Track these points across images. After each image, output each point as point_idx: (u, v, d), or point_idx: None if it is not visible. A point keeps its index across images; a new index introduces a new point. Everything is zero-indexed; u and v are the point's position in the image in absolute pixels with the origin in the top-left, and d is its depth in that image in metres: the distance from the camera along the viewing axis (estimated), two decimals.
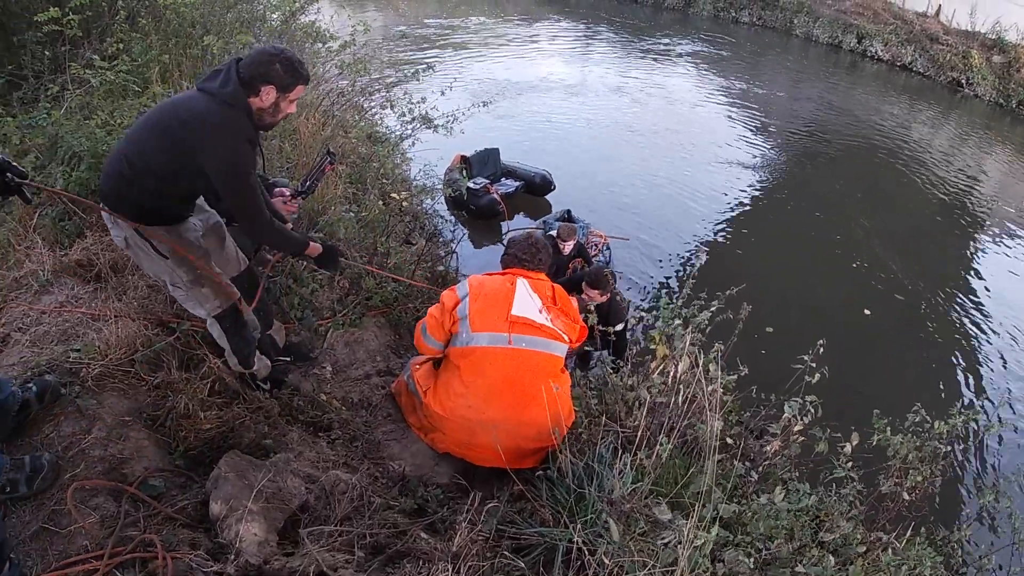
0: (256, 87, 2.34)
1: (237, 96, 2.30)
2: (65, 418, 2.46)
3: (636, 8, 24.56)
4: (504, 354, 2.87)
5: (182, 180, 2.42)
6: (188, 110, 2.32)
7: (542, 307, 3.01)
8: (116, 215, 2.47)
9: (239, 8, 6.32)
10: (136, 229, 2.49)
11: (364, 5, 21.21)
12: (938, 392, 5.94)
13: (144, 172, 2.36)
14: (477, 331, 2.89)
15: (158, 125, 2.36)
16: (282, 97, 2.41)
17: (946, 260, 8.96)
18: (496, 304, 2.94)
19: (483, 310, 2.91)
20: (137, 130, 2.44)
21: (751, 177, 10.42)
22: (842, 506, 2.88)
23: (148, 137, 2.36)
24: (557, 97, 13.34)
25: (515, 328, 2.89)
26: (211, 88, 2.32)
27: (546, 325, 2.96)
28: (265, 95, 2.36)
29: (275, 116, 2.46)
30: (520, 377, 2.87)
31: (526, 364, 2.90)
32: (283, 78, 2.35)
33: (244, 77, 2.32)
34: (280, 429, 2.82)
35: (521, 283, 3.03)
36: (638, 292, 6.93)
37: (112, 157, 2.47)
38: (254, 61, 2.33)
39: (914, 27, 19.31)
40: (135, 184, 2.38)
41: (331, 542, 2.08)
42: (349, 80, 6.96)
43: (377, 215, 4.80)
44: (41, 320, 3.02)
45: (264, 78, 2.33)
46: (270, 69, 2.33)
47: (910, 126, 14.17)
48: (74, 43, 4.49)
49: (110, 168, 2.45)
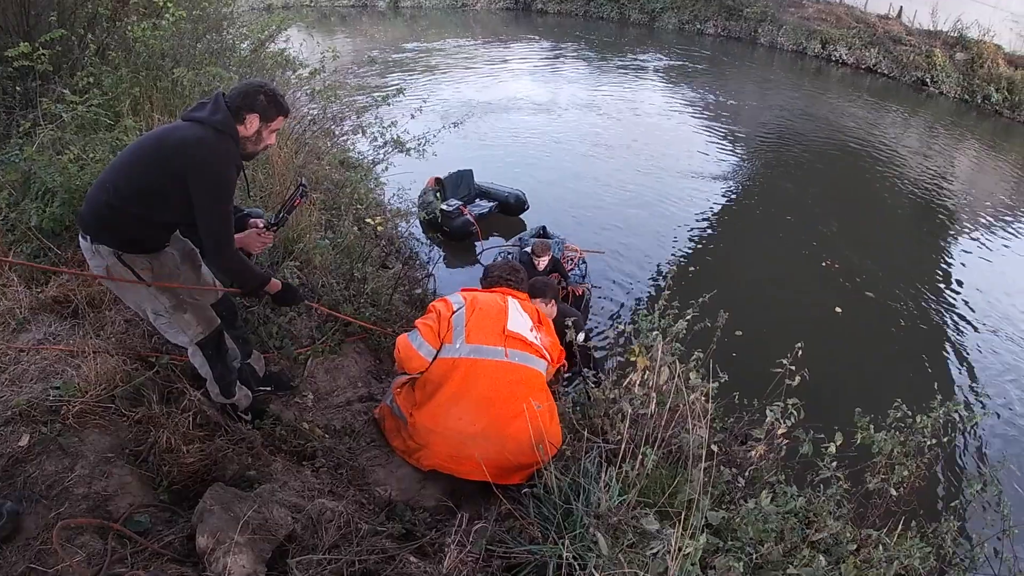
0: (242, 116, 2.46)
1: (227, 123, 2.42)
2: (47, 456, 2.44)
3: (602, 25, 24.91)
4: (496, 367, 2.94)
5: (168, 206, 2.47)
6: (179, 137, 2.41)
7: (532, 326, 3.16)
8: (97, 244, 2.51)
9: (208, 39, 6.34)
10: (118, 256, 2.52)
11: (333, 31, 21.38)
12: (919, 386, 5.99)
13: (129, 199, 2.41)
14: (471, 343, 2.97)
15: (147, 152, 2.44)
16: (264, 127, 2.53)
17: (919, 256, 9.09)
18: (491, 318, 3.06)
19: (479, 322, 3.02)
20: (123, 159, 2.51)
21: (722, 186, 10.52)
22: (830, 505, 2.90)
23: (135, 163, 2.44)
24: (528, 115, 13.43)
25: (510, 343, 3.01)
26: (200, 116, 2.43)
27: (535, 343, 3.09)
28: (249, 123, 2.48)
29: (257, 145, 2.58)
30: (510, 391, 2.92)
31: (516, 378, 2.96)
32: (267, 108, 2.49)
33: (231, 107, 2.43)
34: (264, 460, 2.81)
35: (512, 302, 3.22)
36: (615, 304, 6.95)
37: (95, 187, 2.52)
38: (240, 92, 2.46)
39: (877, 30, 19.60)
40: (119, 212, 2.43)
41: (320, 571, 2.07)
42: (320, 107, 6.99)
43: (352, 241, 4.81)
44: (19, 359, 2.99)
45: (249, 108, 2.46)
46: (255, 100, 2.46)
47: (878, 127, 14.38)
48: (45, 78, 4.49)
49: (93, 198, 2.49)
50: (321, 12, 24.83)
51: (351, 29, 23.48)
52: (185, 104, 4.86)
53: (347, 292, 4.34)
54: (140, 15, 5.48)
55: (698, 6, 23.48)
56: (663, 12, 24.10)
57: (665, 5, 24.07)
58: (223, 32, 6.91)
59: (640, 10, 24.72)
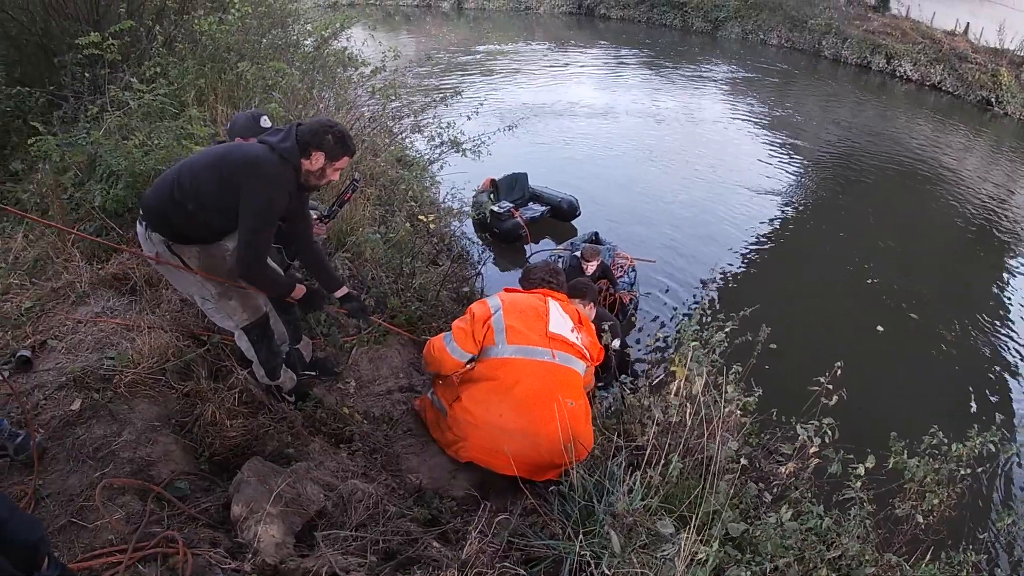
0: (309, 151, 2.60)
1: (292, 153, 2.58)
2: (97, 421, 2.59)
3: (665, 32, 24.77)
4: (541, 368, 2.97)
5: (221, 213, 2.63)
6: (244, 153, 2.60)
7: (573, 327, 3.16)
8: (151, 231, 2.67)
9: (273, 35, 6.53)
10: (168, 245, 2.68)
11: (396, 30, 21.70)
12: (958, 414, 5.83)
13: (190, 197, 2.57)
14: (513, 343, 2.99)
15: (215, 160, 2.61)
16: (329, 164, 2.68)
17: (971, 281, 8.83)
18: (532, 319, 3.08)
19: (519, 324, 3.03)
20: (195, 159, 2.69)
21: (778, 200, 10.40)
22: (853, 526, 2.86)
23: (204, 167, 2.60)
24: (586, 121, 13.43)
25: (555, 344, 3.03)
26: (271, 141, 2.60)
27: (576, 344, 3.10)
28: (315, 159, 2.63)
29: (320, 180, 2.73)
30: (551, 393, 2.93)
31: (558, 380, 2.99)
32: (333, 148, 2.63)
33: (300, 140, 2.59)
34: (303, 439, 2.92)
35: (553, 303, 3.21)
36: (662, 312, 6.94)
37: (163, 179, 2.70)
38: (311, 129, 2.61)
39: (942, 46, 19.02)
40: (179, 207, 2.59)
41: (345, 546, 2.16)
42: (380, 104, 7.13)
43: (404, 236, 4.92)
44: (77, 329, 3.16)
45: (317, 145, 2.60)
46: (323, 138, 2.61)
47: (940, 146, 13.97)
48: (113, 66, 4.66)
49: (159, 189, 2.66)
50: (385, 11, 25.32)
51: (414, 29, 23.84)
52: (249, 96, 5.05)
53: (395, 286, 4.45)
54: (207, 9, 5.70)
55: (762, 16, 23.19)
56: (727, 21, 23.89)
57: (729, 14, 23.86)
58: (287, 28, 7.11)
59: (704, 18, 24.56)
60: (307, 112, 5.62)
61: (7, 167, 4.80)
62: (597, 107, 14.46)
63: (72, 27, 5.23)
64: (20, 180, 4.68)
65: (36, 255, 3.84)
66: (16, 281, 3.62)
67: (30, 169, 4.66)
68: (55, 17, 5.34)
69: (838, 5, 22.39)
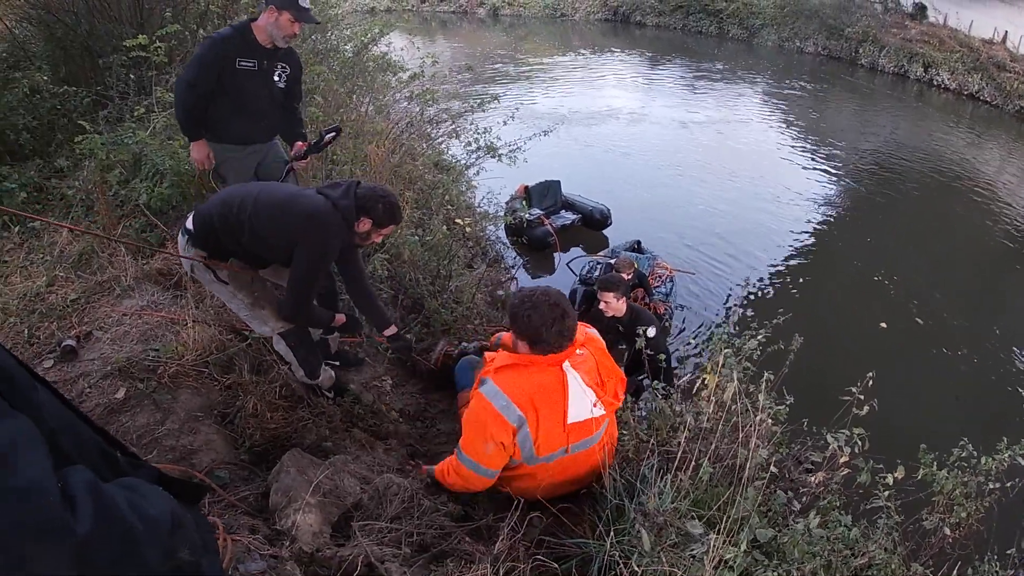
0: (359, 215, 2.74)
1: (349, 211, 2.71)
2: (141, 410, 2.69)
3: (700, 39, 24.67)
4: (564, 460, 2.68)
5: (271, 251, 2.77)
6: (306, 204, 2.69)
7: (596, 400, 2.65)
8: (190, 245, 2.79)
9: (314, 39, 6.67)
10: (202, 260, 2.78)
11: (434, 36, 21.89)
12: (990, 428, 5.72)
13: (246, 230, 2.66)
14: (543, 455, 2.62)
15: (280, 207, 2.69)
16: (375, 230, 2.84)
17: (1010, 295, 8.69)
18: (554, 418, 2.58)
19: (547, 434, 2.58)
20: (257, 191, 2.76)
21: (816, 211, 10.32)
22: (880, 535, 2.85)
23: (266, 207, 2.68)
24: (621, 128, 13.43)
25: (572, 437, 2.63)
26: (332, 196, 2.71)
27: (598, 416, 2.68)
28: (363, 223, 2.78)
29: (364, 240, 2.90)
30: (580, 469, 2.75)
31: (585, 460, 2.75)
32: (381, 217, 2.80)
33: (357, 203, 2.72)
34: (340, 433, 3.00)
35: (572, 377, 2.60)
36: (700, 323, 6.90)
37: (220, 199, 2.77)
38: (366, 195, 2.74)
39: (980, 55, 18.64)
40: (228, 229, 2.69)
41: (380, 537, 2.21)
42: (418, 109, 7.24)
43: (441, 239, 5.00)
44: (122, 321, 3.27)
45: (367, 211, 2.75)
46: (374, 207, 2.75)
47: (978, 158, 13.73)
48: (159, 68, 4.79)
49: (213, 207, 2.74)
50: (423, 17, 25.54)
51: (451, 35, 24.02)
52: None
53: (432, 287, 4.53)
54: (249, 14, 5.84)
55: (798, 24, 22.99)
56: (762, 29, 23.77)
57: (765, 22, 23.73)
58: (328, 33, 7.25)
59: (740, 25, 24.45)
60: (346, 116, 5.72)
61: (53, 164, 4.95)
62: (633, 114, 14.46)
63: (116, 29, 5.38)
64: (65, 176, 4.83)
65: (81, 249, 3.97)
66: (61, 274, 3.74)
67: (75, 166, 4.81)
68: (99, 19, 5.50)
69: (875, 13, 22.13)
